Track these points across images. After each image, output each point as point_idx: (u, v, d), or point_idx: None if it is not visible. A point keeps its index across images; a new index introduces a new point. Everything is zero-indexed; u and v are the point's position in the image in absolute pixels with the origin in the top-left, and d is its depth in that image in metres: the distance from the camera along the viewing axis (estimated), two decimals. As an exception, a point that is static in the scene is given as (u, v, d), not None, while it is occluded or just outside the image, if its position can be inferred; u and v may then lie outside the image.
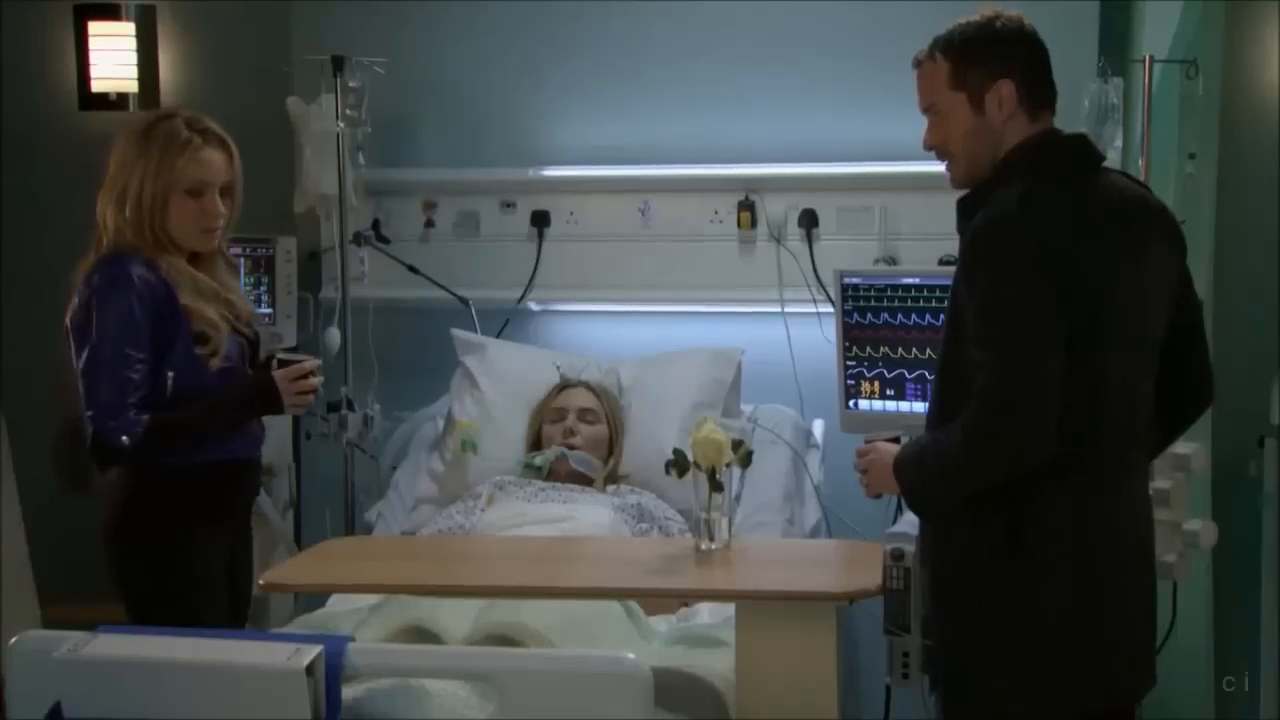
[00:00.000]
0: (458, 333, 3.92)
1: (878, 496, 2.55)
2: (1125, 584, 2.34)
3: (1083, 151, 2.39)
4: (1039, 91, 2.37)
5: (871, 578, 2.53)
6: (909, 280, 3.15)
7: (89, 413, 2.71)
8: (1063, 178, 2.31)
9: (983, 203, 2.30)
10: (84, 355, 2.72)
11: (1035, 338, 2.20)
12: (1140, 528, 2.41)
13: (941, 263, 3.63)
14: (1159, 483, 2.95)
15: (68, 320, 2.77)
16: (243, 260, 3.91)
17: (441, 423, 3.90)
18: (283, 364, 2.86)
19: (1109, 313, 2.27)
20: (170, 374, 2.75)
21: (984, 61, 2.34)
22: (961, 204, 2.39)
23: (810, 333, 3.88)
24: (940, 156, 2.43)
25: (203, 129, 2.80)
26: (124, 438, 2.69)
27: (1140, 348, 2.34)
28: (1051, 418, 2.19)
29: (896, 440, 2.48)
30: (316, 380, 2.88)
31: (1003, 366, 2.20)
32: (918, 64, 2.42)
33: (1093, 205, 2.30)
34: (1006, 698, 2.30)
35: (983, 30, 2.35)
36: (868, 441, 2.53)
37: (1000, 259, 2.23)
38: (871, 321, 3.18)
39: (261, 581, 2.66)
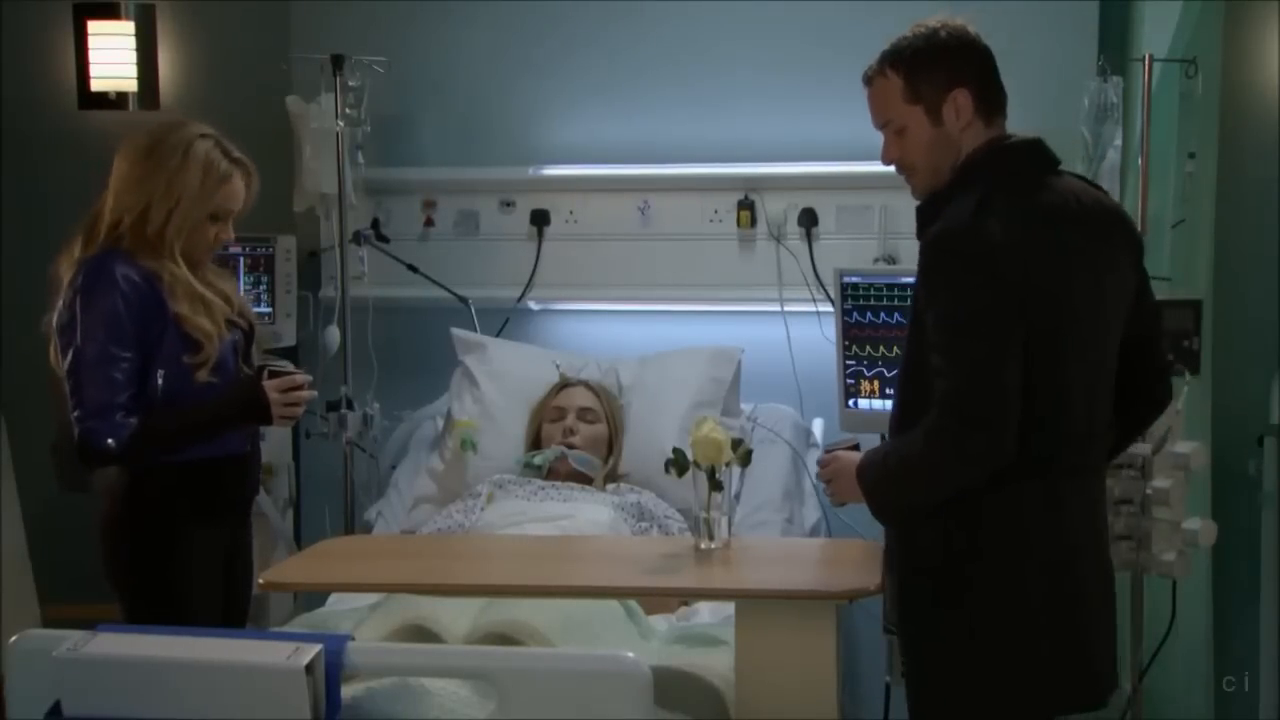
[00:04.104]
0: (457, 332, 3.92)
1: (842, 504, 2.57)
2: (1086, 587, 2.34)
3: (1039, 155, 2.37)
4: (991, 97, 2.36)
5: (871, 577, 2.53)
6: (908, 279, 3.13)
7: (75, 414, 2.70)
8: (1020, 183, 2.31)
9: (940, 209, 2.30)
10: (69, 356, 2.72)
11: (994, 344, 2.20)
12: (1099, 529, 2.42)
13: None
14: (1159, 482, 2.96)
15: (53, 322, 2.77)
16: (242, 259, 3.91)
17: (441, 422, 3.90)
18: (274, 374, 2.86)
19: (1068, 316, 2.28)
20: (160, 373, 2.75)
21: (937, 72, 2.32)
22: (920, 211, 2.39)
23: (810, 332, 3.88)
24: (900, 170, 2.42)
25: (235, 158, 2.84)
26: (110, 440, 2.69)
27: (1100, 350, 2.35)
28: (1012, 423, 2.19)
29: (856, 448, 2.49)
30: (306, 394, 2.89)
31: (962, 373, 2.20)
32: (868, 81, 2.40)
33: (1050, 209, 2.30)
34: (970, 701, 2.31)
35: (931, 41, 2.33)
36: (828, 451, 2.54)
37: (958, 266, 2.22)
38: (871, 320, 3.18)
39: (261, 580, 2.65)
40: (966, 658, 2.30)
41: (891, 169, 2.43)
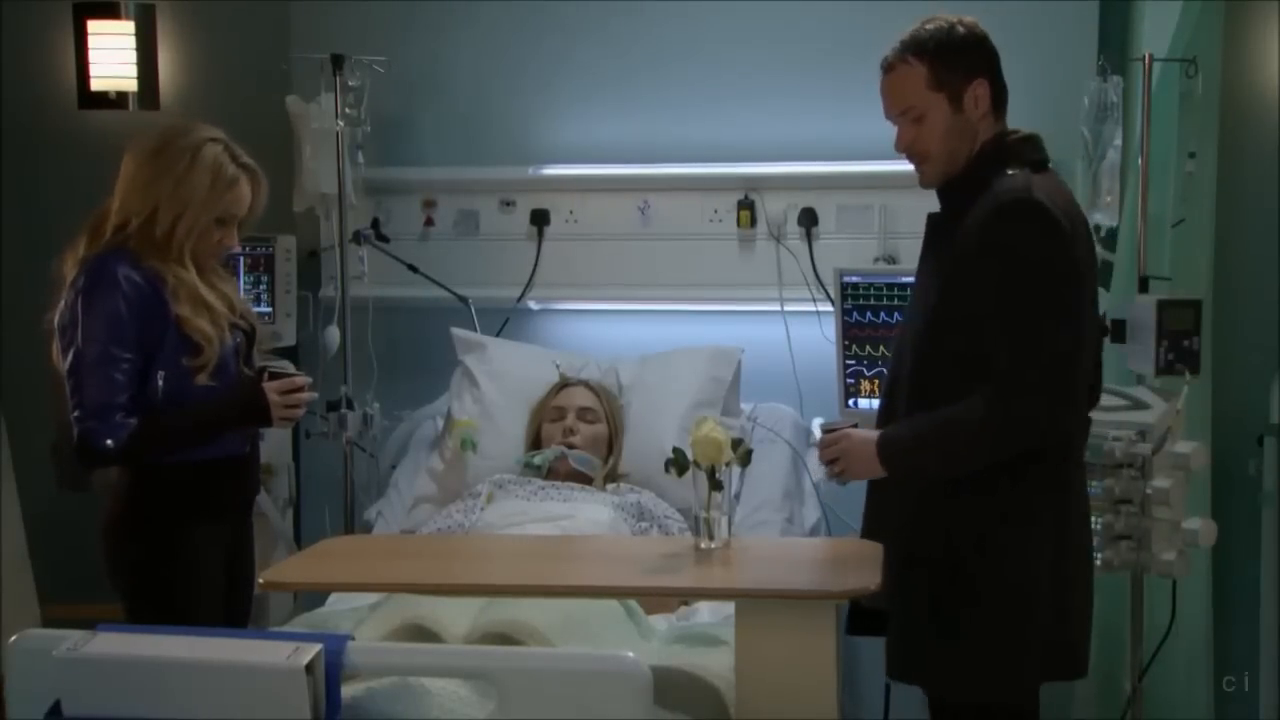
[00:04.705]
0: (457, 331, 3.92)
1: (844, 484, 2.60)
2: (1079, 568, 2.44)
3: (1042, 148, 2.47)
4: (1001, 92, 2.46)
5: (871, 576, 2.53)
6: (908, 279, 3.15)
7: (75, 414, 2.71)
8: (1041, 169, 2.40)
9: (975, 189, 2.35)
10: (70, 356, 2.72)
11: (1067, 313, 2.28)
12: (1086, 511, 2.53)
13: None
14: (1159, 482, 2.95)
15: (55, 322, 2.77)
16: (242, 259, 3.91)
17: (441, 422, 3.90)
18: (274, 376, 2.87)
19: (1089, 298, 2.37)
20: (161, 374, 2.75)
21: (959, 62, 2.41)
22: (946, 193, 2.43)
23: (810, 331, 3.88)
24: (912, 157, 2.46)
25: (243, 163, 2.84)
26: (108, 440, 2.69)
27: (1097, 338, 2.48)
28: (1068, 395, 2.28)
29: (855, 428, 2.51)
30: (306, 395, 2.89)
31: (1035, 343, 2.25)
32: (888, 68, 2.45)
33: (1069, 200, 2.40)
34: (971, 678, 2.38)
35: (951, 34, 2.42)
36: (827, 431, 2.55)
37: (1034, 234, 2.29)
38: (871, 320, 3.18)
39: (261, 580, 2.64)
40: (970, 637, 2.36)
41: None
